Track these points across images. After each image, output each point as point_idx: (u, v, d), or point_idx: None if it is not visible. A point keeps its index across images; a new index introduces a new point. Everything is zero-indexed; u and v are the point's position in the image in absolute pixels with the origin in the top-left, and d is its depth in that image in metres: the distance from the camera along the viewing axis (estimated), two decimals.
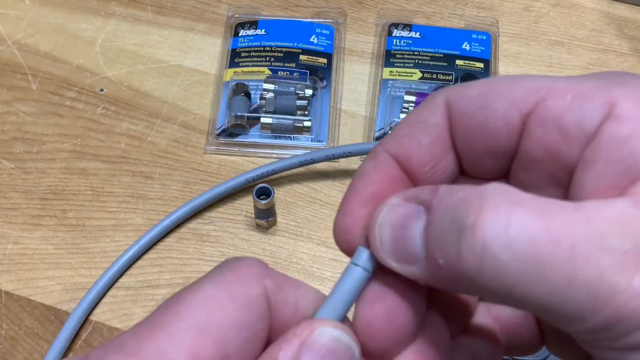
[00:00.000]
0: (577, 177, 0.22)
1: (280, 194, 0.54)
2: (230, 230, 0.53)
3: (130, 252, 0.51)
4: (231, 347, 0.21)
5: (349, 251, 0.25)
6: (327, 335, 0.22)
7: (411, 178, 0.25)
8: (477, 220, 0.19)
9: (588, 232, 0.19)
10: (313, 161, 0.54)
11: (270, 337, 0.23)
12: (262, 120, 0.56)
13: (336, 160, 0.56)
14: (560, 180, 0.23)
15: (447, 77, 0.59)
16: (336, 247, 0.51)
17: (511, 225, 0.19)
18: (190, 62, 0.61)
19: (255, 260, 0.24)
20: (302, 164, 0.54)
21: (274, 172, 0.54)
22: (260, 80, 0.58)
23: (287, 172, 0.55)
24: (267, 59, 0.60)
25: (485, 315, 0.27)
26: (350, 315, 0.24)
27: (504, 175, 0.25)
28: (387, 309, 0.23)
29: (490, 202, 0.20)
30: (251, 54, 0.60)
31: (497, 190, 0.20)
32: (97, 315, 0.49)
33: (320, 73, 0.59)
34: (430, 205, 0.22)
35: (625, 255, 0.19)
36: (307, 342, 0.22)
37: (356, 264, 0.24)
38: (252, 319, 0.22)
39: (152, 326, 0.21)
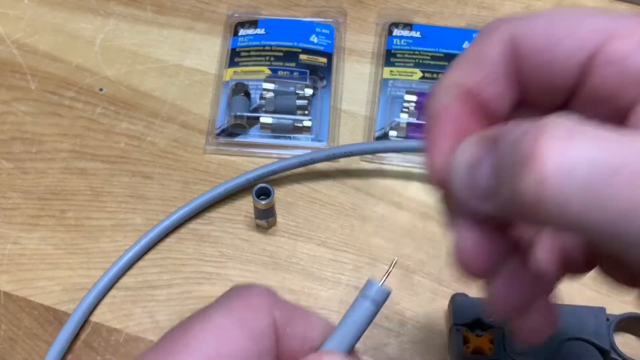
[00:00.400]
0: (633, 114, 0.22)
1: (280, 194, 0.54)
2: (230, 231, 0.53)
3: (130, 253, 0.51)
4: None
5: (445, 187, 0.24)
6: None
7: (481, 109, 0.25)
8: (534, 150, 0.19)
9: None
10: (313, 161, 0.54)
11: None
12: (262, 120, 0.56)
13: (336, 160, 0.55)
14: (619, 116, 0.23)
15: None
16: (336, 247, 0.51)
17: (570, 155, 0.18)
18: (189, 61, 0.61)
19: (265, 289, 0.24)
20: (302, 164, 0.54)
21: (274, 172, 0.54)
22: (260, 79, 0.58)
23: (287, 172, 0.55)
24: (267, 58, 0.60)
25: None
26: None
27: (564, 105, 0.25)
28: (481, 240, 0.24)
29: (548, 132, 0.19)
30: (251, 53, 0.60)
31: (557, 120, 0.19)
32: (96, 316, 0.49)
33: (321, 72, 0.59)
34: (496, 140, 0.21)
35: None
36: None
37: (365, 297, 0.24)
38: (261, 351, 0.22)
39: (162, 357, 0.21)
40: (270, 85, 0.57)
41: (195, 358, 0.21)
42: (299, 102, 0.56)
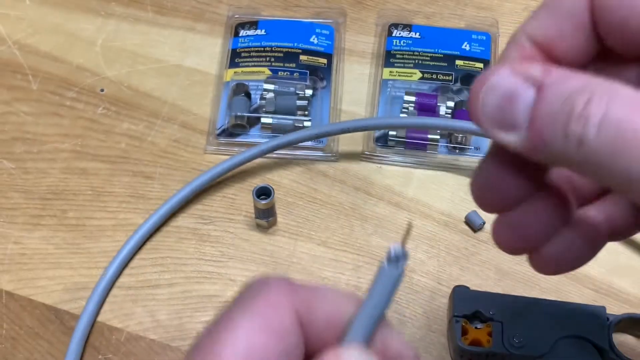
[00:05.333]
0: None
1: (280, 194, 0.54)
2: (231, 230, 0.53)
3: (141, 231, 0.52)
4: None
5: (480, 120, 0.26)
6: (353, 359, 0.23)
7: (551, 61, 0.26)
8: (584, 110, 0.23)
9: None
10: (328, 133, 0.54)
11: (308, 353, 0.24)
12: (263, 120, 0.56)
13: (336, 159, 0.56)
14: None
15: (447, 77, 0.59)
16: (336, 247, 0.51)
17: (607, 116, 0.22)
18: (190, 62, 0.61)
19: (282, 282, 0.24)
20: (317, 136, 0.54)
21: (290, 143, 0.54)
22: (260, 80, 0.58)
23: (287, 172, 0.55)
24: (267, 59, 0.60)
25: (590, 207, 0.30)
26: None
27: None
28: (498, 175, 0.27)
29: (596, 95, 0.22)
30: (251, 54, 0.60)
31: (604, 86, 0.23)
32: (98, 315, 0.49)
33: (321, 73, 0.59)
34: (541, 85, 0.24)
35: None
36: None
37: (389, 266, 0.25)
38: (288, 348, 0.23)
39: None
40: (271, 86, 0.57)
41: None
42: (299, 102, 0.56)
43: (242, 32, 0.62)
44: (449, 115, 0.56)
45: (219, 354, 0.22)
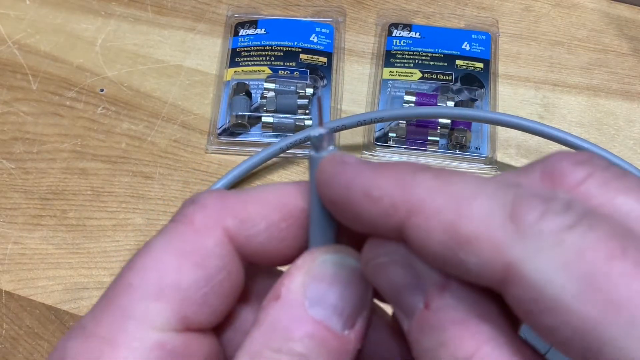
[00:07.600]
0: None
1: None
2: None
3: None
4: (190, 307, 0.21)
5: None
6: (329, 262, 0.22)
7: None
8: None
9: None
10: (345, 127, 0.53)
11: (259, 262, 0.23)
12: (263, 119, 0.56)
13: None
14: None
15: (447, 77, 0.59)
16: None
17: None
18: (190, 62, 0.61)
19: (211, 198, 0.22)
20: (334, 131, 0.54)
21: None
22: (260, 79, 0.58)
23: (288, 172, 0.55)
24: (267, 58, 0.60)
25: None
26: None
27: None
28: None
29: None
30: (251, 53, 0.60)
31: None
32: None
33: (321, 72, 0.59)
34: None
35: None
36: (311, 273, 0.21)
37: (317, 153, 0.22)
38: (210, 273, 0.21)
39: (107, 302, 0.21)
40: (271, 85, 0.57)
41: (138, 297, 0.21)
42: (300, 101, 0.56)
43: (242, 32, 0.62)
44: None
45: (129, 283, 0.21)
